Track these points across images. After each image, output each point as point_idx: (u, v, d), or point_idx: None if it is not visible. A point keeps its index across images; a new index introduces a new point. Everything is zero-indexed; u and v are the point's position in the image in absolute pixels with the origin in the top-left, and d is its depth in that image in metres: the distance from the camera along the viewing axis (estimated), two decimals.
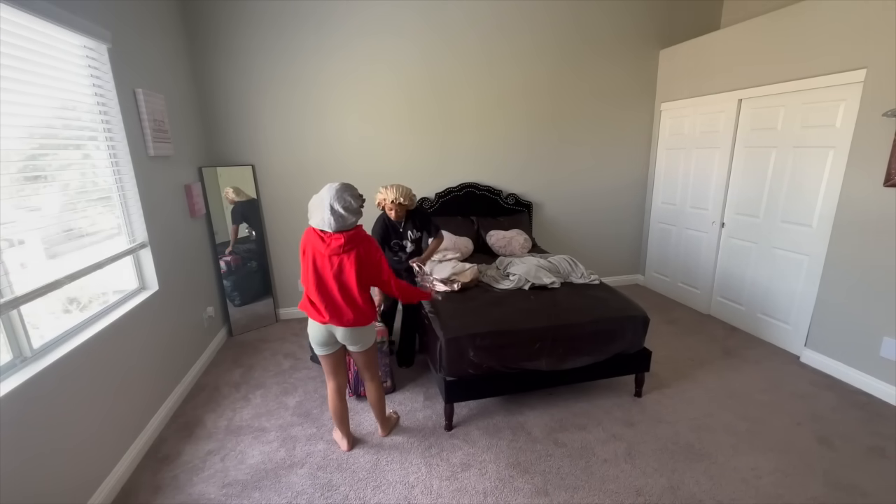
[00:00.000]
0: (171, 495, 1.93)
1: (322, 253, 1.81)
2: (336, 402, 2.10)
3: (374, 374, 2.13)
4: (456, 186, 3.91)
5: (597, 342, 2.35)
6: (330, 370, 2.07)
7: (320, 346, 2.00)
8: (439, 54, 3.65)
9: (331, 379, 2.09)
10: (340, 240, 1.79)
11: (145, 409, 2.29)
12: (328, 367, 2.06)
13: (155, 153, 2.52)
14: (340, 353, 2.07)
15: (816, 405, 2.49)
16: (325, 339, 1.97)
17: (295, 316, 3.94)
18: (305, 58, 3.44)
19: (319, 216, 1.77)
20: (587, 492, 1.91)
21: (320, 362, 2.09)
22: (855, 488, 1.90)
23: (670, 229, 4.15)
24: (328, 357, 2.04)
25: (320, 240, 1.81)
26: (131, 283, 2.42)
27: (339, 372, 2.09)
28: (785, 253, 3.08)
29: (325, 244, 1.80)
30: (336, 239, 1.79)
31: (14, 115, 1.65)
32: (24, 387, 1.51)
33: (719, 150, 3.52)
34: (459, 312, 2.37)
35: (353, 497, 1.90)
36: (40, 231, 1.77)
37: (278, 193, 3.66)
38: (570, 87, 3.97)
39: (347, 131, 3.66)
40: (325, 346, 1.99)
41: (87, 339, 1.86)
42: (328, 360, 2.04)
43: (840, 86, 2.62)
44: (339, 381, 2.10)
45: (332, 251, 1.80)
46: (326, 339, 1.97)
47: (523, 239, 3.56)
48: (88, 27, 1.99)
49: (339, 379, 2.10)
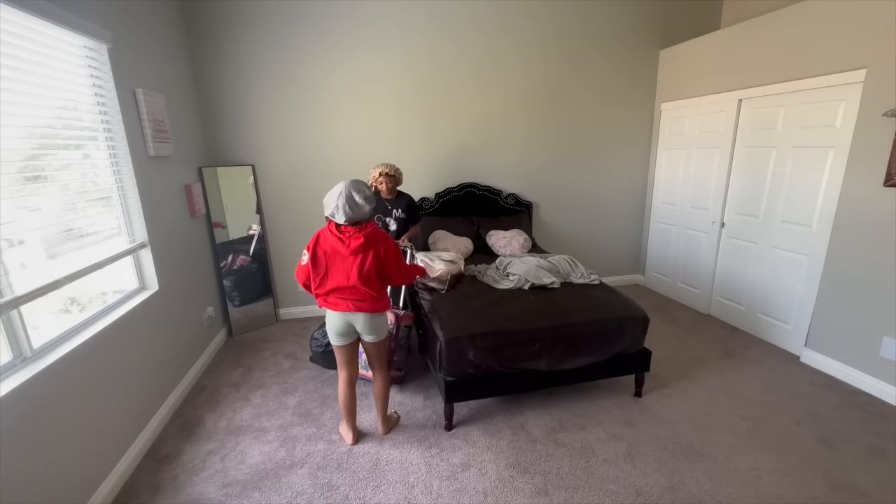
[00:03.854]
0: (171, 495, 1.93)
1: (342, 253, 1.91)
2: (347, 392, 2.17)
3: (383, 366, 2.21)
4: (456, 186, 3.91)
5: (597, 342, 2.35)
6: (344, 360, 2.14)
7: (338, 336, 2.07)
8: (439, 54, 3.65)
9: (343, 369, 2.17)
10: (360, 240, 1.89)
11: (145, 409, 2.29)
12: (343, 357, 2.14)
13: (155, 153, 2.52)
14: (355, 345, 2.15)
15: (816, 405, 2.49)
16: (344, 329, 2.05)
17: (295, 316, 3.94)
18: (305, 58, 3.44)
19: (334, 205, 1.87)
20: (587, 492, 1.91)
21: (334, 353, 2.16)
22: (855, 488, 1.90)
23: (670, 229, 4.15)
24: (343, 348, 2.11)
25: (338, 240, 1.90)
26: (131, 283, 2.42)
27: (352, 362, 2.17)
28: (785, 253, 3.08)
29: (345, 244, 1.90)
30: (356, 239, 1.90)
31: (14, 115, 1.65)
32: (24, 387, 1.51)
33: (719, 150, 3.52)
34: (459, 312, 2.37)
35: (353, 497, 1.90)
36: (40, 231, 1.77)
37: (278, 193, 3.66)
38: (569, 86, 3.97)
39: (347, 131, 3.66)
40: (342, 336, 2.07)
41: (87, 340, 1.86)
42: (343, 350, 2.12)
43: (840, 86, 2.62)
44: (352, 372, 2.18)
45: (351, 251, 1.90)
46: (345, 329, 2.05)
47: (523, 239, 3.56)
48: (88, 27, 1.99)
49: (352, 369, 2.18)
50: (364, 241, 1.89)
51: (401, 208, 3.04)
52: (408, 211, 3.06)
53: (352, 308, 1.98)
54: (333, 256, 1.93)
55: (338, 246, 1.90)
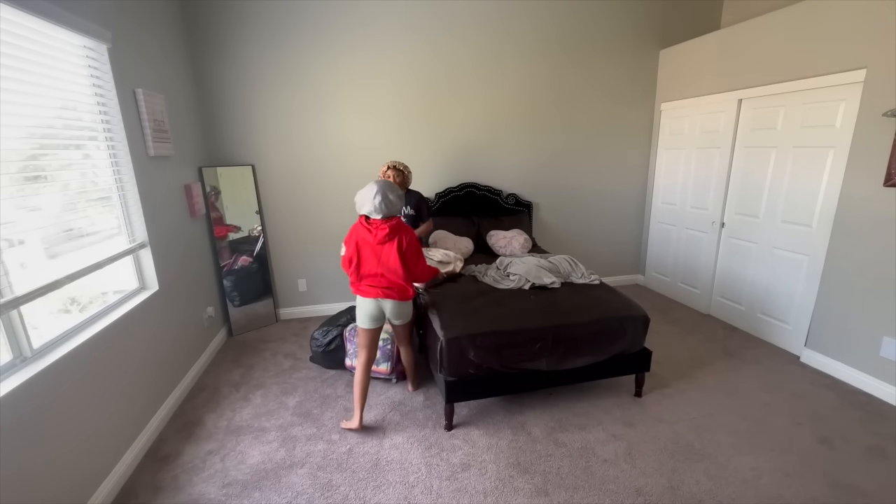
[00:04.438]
0: (171, 495, 1.93)
1: (370, 242, 2.16)
2: (363, 374, 2.32)
3: (409, 342, 2.55)
4: (456, 186, 3.91)
5: (597, 342, 2.35)
6: (367, 343, 2.33)
7: (368, 320, 2.27)
8: (438, 54, 3.65)
9: (364, 351, 2.34)
10: (385, 230, 2.13)
11: (145, 409, 2.29)
12: (366, 339, 2.32)
13: (155, 153, 2.52)
14: (380, 330, 2.36)
15: (816, 405, 2.49)
16: (375, 313, 2.26)
17: (295, 316, 3.94)
18: (305, 58, 3.44)
19: (370, 205, 2.10)
20: (587, 492, 1.91)
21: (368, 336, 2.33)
22: (855, 488, 1.90)
23: (670, 229, 4.15)
24: (369, 332, 2.31)
25: (367, 231, 2.15)
26: (131, 283, 2.42)
27: (373, 346, 2.37)
28: (785, 253, 3.08)
29: (373, 235, 2.14)
30: (382, 230, 2.13)
31: (14, 115, 1.65)
32: (24, 387, 1.51)
33: (719, 150, 3.52)
34: (460, 312, 2.37)
35: (353, 497, 1.90)
36: (40, 231, 1.77)
37: (278, 193, 3.66)
38: (569, 86, 3.97)
39: (348, 130, 3.66)
40: (371, 320, 2.27)
41: (87, 340, 1.86)
42: (368, 333, 2.31)
43: (840, 86, 2.62)
44: (371, 355, 2.37)
45: (378, 241, 2.14)
46: (376, 313, 2.26)
47: (524, 239, 3.56)
48: (88, 27, 1.99)
49: (372, 352, 2.37)
50: (389, 231, 2.13)
51: (410, 205, 3.05)
52: (417, 208, 3.07)
53: (381, 295, 2.21)
54: (363, 246, 2.18)
55: (367, 237, 2.15)
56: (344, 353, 2.90)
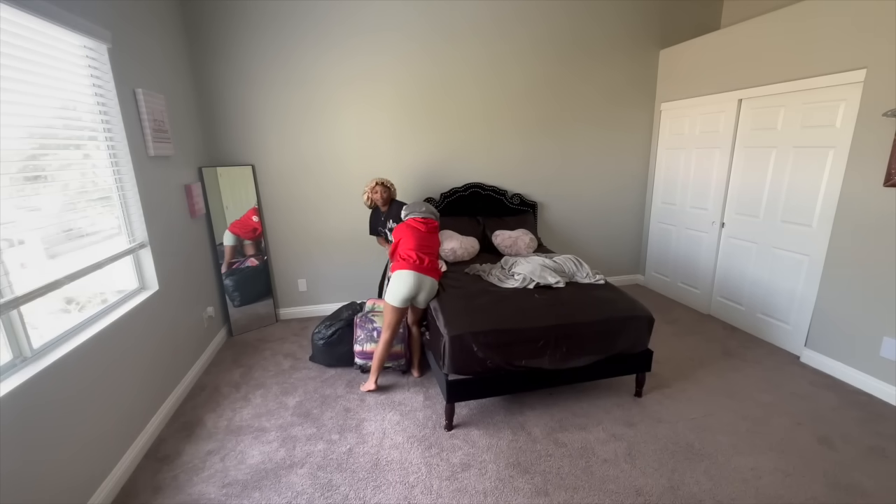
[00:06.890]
0: (171, 495, 1.93)
1: (422, 231, 2.71)
2: (384, 349, 2.62)
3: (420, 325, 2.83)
4: (461, 187, 3.91)
5: (601, 342, 2.35)
6: (393, 322, 2.58)
7: (404, 299, 2.53)
8: (441, 53, 3.65)
9: (388, 331, 2.60)
10: (434, 224, 2.80)
11: (145, 409, 2.28)
12: (394, 318, 2.57)
13: (155, 153, 2.52)
14: (405, 311, 2.63)
15: (816, 405, 2.49)
16: (414, 289, 2.52)
17: (295, 316, 3.94)
18: (306, 57, 3.44)
19: (420, 210, 2.80)
20: (587, 492, 1.91)
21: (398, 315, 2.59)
22: (855, 488, 1.90)
23: (670, 229, 4.15)
24: (399, 311, 2.56)
25: (422, 224, 2.73)
26: (131, 283, 2.42)
27: (397, 326, 2.62)
28: (785, 253, 3.08)
29: (425, 226, 2.74)
30: (431, 224, 2.78)
31: (14, 115, 1.65)
32: (24, 387, 1.51)
33: (719, 150, 3.52)
34: (464, 310, 2.38)
35: (353, 497, 1.90)
36: (40, 231, 1.77)
37: (278, 193, 3.66)
38: (571, 87, 3.97)
39: (349, 131, 3.66)
40: (407, 298, 2.53)
41: (87, 340, 1.86)
42: (398, 313, 2.56)
43: (840, 86, 2.62)
44: (394, 334, 2.64)
45: (429, 230, 2.75)
46: (414, 289, 2.52)
47: (529, 238, 3.56)
48: (88, 27, 1.99)
49: (395, 332, 2.64)
50: (436, 225, 2.82)
51: (392, 219, 3.19)
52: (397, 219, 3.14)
53: (425, 271, 2.56)
54: (418, 232, 2.69)
55: (420, 227, 2.72)
56: (344, 347, 2.93)
